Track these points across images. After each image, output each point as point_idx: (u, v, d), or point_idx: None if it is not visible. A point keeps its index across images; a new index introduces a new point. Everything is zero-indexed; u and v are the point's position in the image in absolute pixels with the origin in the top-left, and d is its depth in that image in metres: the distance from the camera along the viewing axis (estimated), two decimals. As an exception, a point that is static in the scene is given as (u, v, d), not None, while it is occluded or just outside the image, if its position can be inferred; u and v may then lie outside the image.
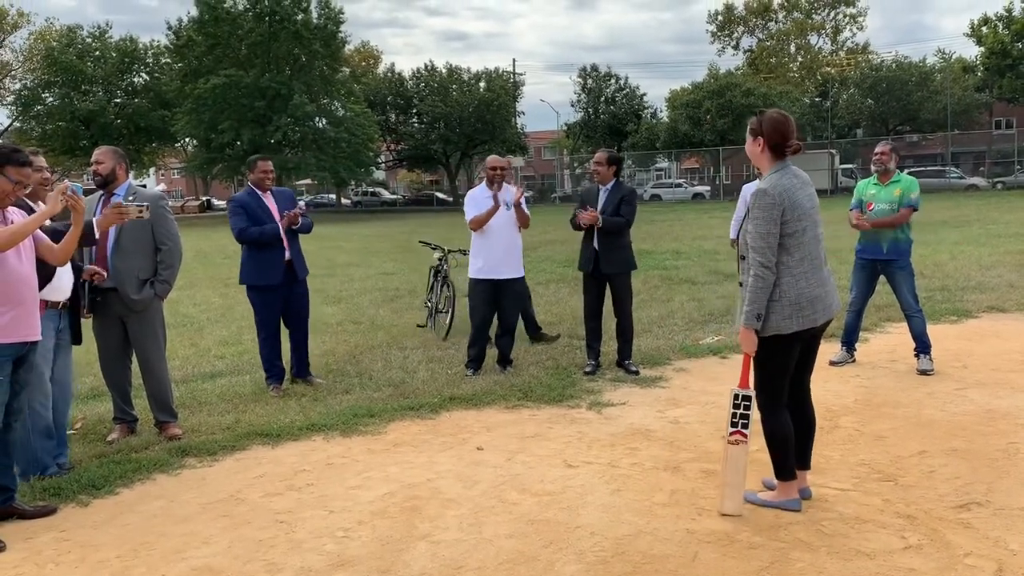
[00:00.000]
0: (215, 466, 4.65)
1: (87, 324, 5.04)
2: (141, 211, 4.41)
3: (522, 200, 6.55)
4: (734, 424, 3.73)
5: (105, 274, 4.91)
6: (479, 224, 6.48)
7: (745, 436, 3.71)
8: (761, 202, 3.56)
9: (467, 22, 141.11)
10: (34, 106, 48.09)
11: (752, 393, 3.72)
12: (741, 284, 3.98)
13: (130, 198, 5.03)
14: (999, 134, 50.33)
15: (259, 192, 6.21)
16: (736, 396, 3.74)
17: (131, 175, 5.46)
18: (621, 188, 6.54)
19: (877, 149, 6.37)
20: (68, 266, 4.47)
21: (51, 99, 48.40)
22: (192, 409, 5.74)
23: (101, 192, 5.05)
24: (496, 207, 6.42)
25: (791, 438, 3.76)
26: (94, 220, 4.49)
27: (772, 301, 3.58)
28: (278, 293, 6.19)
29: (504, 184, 6.64)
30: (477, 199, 6.58)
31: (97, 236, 4.59)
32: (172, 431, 5.13)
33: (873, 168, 6.43)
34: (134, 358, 5.25)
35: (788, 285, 3.58)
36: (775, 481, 3.84)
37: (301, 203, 6.40)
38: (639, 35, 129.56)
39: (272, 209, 6.17)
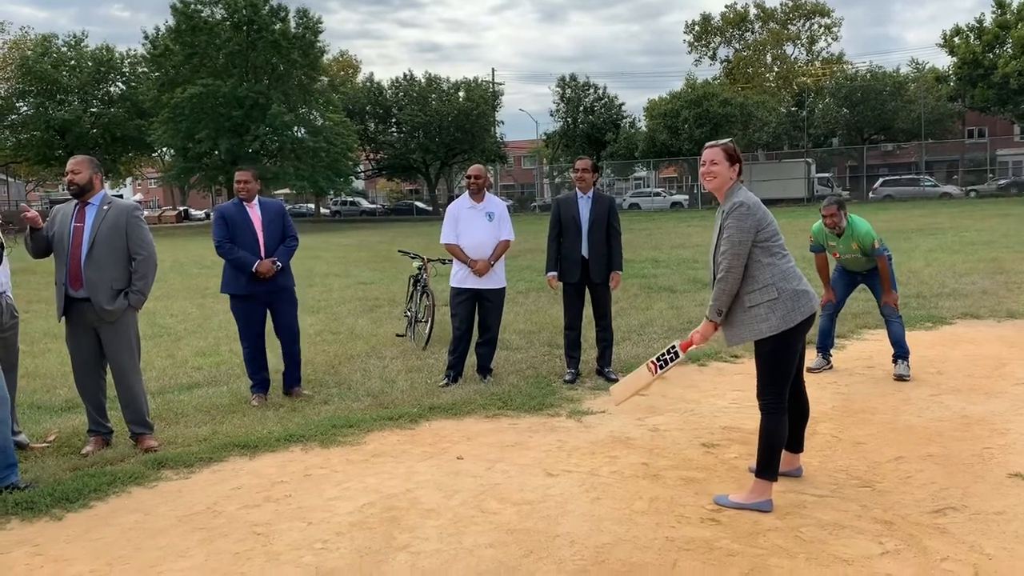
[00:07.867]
0: (191, 478, 4.59)
1: (58, 334, 4.97)
2: None
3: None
4: (657, 360, 4.32)
5: (40, 219, 4.87)
6: (452, 255, 6.53)
7: (656, 372, 4.30)
8: (739, 212, 3.83)
9: (439, 34, 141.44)
10: (8, 115, 47.56)
11: (682, 354, 4.21)
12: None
13: (105, 207, 4.99)
14: (972, 143, 51.14)
15: (245, 203, 6.14)
16: (672, 347, 4.25)
17: (107, 185, 5.41)
18: (602, 197, 6.57)
19: (825, 212, 6.32)
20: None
21: (26, 108, 47.89)
22: (168, 421, 5.67)
23: (76, 201, 4.99)
24: (480, 268, 6.39)
25: (783, 443, 3.96)
26: None
27: (772, 300, 3.81)
28: (260, 302, 6.12)
29: (488, 194, 6.63)
30: (456, 215, 6.55)
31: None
32: (148, 443, 5.07)
33: (827, 231, 6.44)
34: (109, 369, 5.18)
35: (782, 283, 3.82)
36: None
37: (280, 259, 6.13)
38: (610, 47, 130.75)
39: (255, 222, 6.09)
